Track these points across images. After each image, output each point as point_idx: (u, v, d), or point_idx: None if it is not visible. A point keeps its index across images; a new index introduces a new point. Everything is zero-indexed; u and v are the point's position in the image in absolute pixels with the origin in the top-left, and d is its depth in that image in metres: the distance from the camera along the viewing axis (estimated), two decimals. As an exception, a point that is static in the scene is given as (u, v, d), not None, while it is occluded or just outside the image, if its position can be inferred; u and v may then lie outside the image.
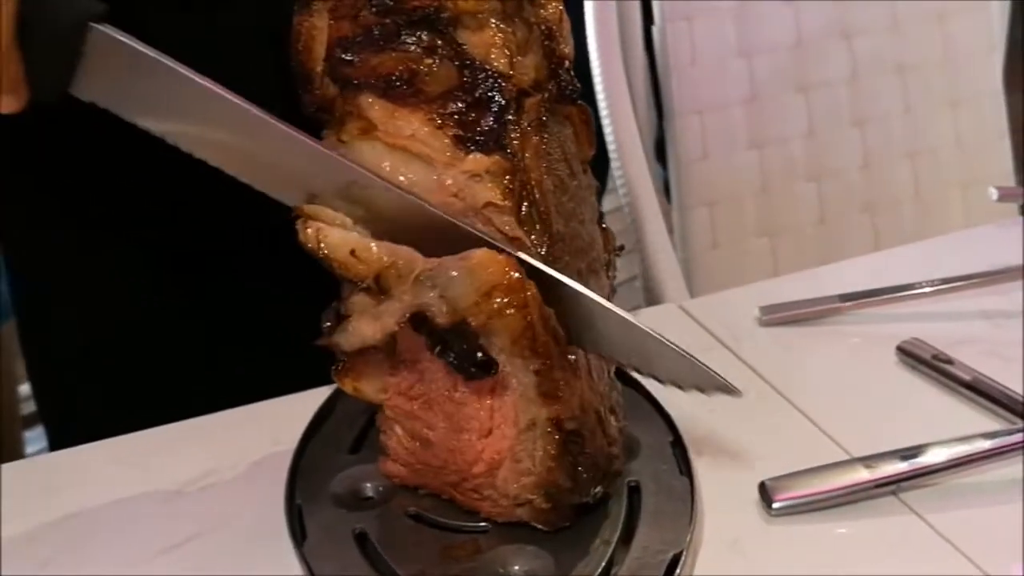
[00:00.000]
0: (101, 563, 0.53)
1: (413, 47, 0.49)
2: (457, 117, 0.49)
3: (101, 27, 0.49)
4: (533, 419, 0.49)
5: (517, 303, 0.47)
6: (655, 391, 0.61)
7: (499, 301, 0.47)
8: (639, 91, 1.21)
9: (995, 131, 1.33)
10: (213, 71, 0.50)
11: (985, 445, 0.56)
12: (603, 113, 1.11)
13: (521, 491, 0.51)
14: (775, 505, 0.54)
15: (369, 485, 0.56)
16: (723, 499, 0.55)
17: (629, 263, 1.19)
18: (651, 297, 1.12)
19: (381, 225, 0.50)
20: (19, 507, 0.56)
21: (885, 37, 1.27)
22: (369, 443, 0.59)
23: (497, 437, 0.51)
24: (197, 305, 0.72)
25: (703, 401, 0.62)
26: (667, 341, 0.51)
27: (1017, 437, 0.56)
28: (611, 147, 1.16)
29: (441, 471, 0.53)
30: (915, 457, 0.56)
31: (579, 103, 0.54)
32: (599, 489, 0.52)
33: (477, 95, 0.49)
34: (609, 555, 0.51)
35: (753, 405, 0.63)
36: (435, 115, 0.49)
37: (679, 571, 0.50)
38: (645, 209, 1.16)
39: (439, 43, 0.49)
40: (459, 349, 0.48)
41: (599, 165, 0.60)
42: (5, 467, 0.59)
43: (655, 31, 1.20)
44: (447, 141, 0.49)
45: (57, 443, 0.74)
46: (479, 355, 0.48)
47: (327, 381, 0.62)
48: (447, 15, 0.49)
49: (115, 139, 0.54)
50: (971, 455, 0.55)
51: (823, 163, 1.26)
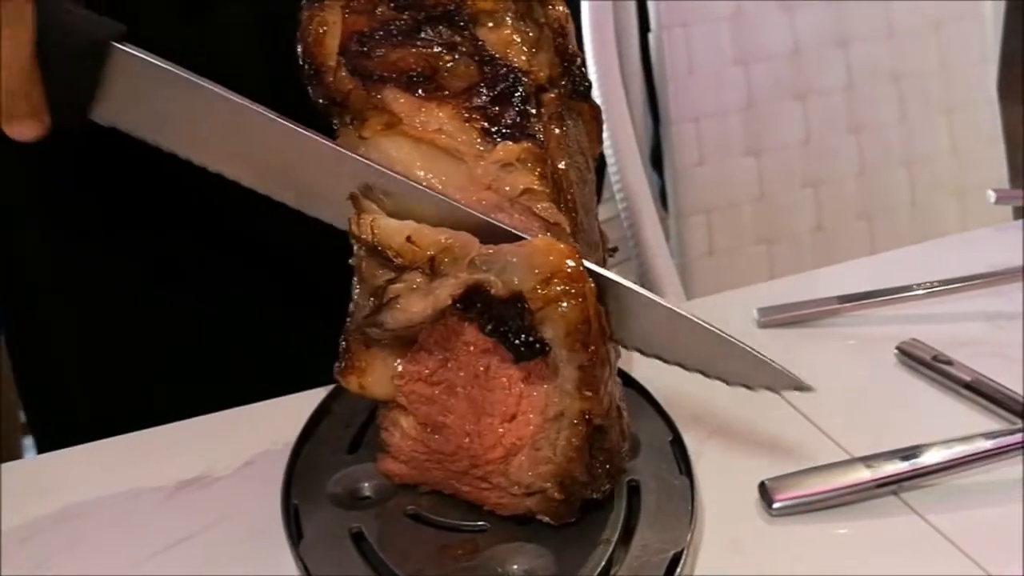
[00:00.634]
0: (98, 563, 0.52)
1: (433, 43, 0.49)
2: (482, 110, 0.49)
3: (122, 46, 0.48)
4: (563, 410, 0.49)
5: (576, 293, 0.46)
6: (654, 391, 0.61)
7: (559, 289, 0.46)
8: (636, 98, 1.21)
9: (989, 138, 1.33)
10: (208, 70, 0.50)
11: (986, 445, 0.55)
12: (600, 120, 1.11)
13: (536, 479, 0.50)
14: (775, 505, 0.54)
15: (367, 484, 0.55)
16: (723, 499, 0.55)
17: (624, 272, 1.18)
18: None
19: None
20: (15, 507, 0.56)
21: (881, 46, 1.28)
22: (366, 443, 0.58)
23: (521, 423, 0.50)
24: (193, 306, 0.71)
25: (703, 401, 0.63)
26: (736, 340, 0.50)
27: (1017, 437, 0.55)
28: (608, 155, 1.16)
29: (450, 459, 0.52)
30: (916, 457, 0.55)
31: (590, 100, 0.54)
32: (608, 486, 0.52)
33: (499, 90, 0.49)
34: (609, 554, 0.50)
35: (753, 405, 0.63)
36: (462, 109, 0.49)
37: (679, 571, 0.50)
38: (643, 216, 1.16)
39: (458, 39, 0.49)
40: (515, 325, 0.47)
41: (596, 172, 0.60)
42: (1, 467, 0.59)
43: (651, 38, 1.20)
44: (475, 134, 0.49)
45: (45, 446, 0.73)
46: (532, 335, 0.47)
47: (323, 383, 0.62)
48: (466, 12, 0.49)
49: (107, 140, 0.53)
50: (972, 455, 0.55)
51: (819, 170, 1.26)
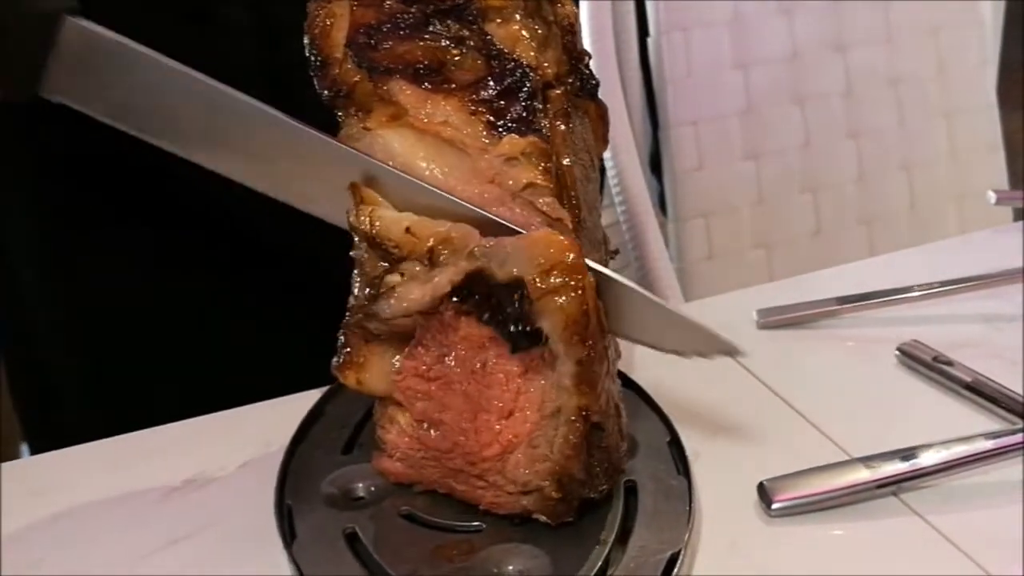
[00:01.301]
0: (91, 564, 0.52)
1: (441, 36, 0.49)
2: (489, 104, 0.49)
3: (75, 20, 0.48)
4: (560, 406, 0.48)
5: (576, 286, 0.46)
6: (652, 391, 0.61)
7: (558, 280, 0.46)
8: (635, 103, 1.21)
9: (989, 143, 1.33)
10: (210, 75, 0.49)
11: (986, 445, 0.55)
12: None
13: (533, 477, 0.50)
14: (774, 506, 0.54)
15: (361, 485, 0.55)
16: (721, 500, 0.55)
17: (624, 276, 1.18)
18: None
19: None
20: (8, 508, 0.56)
21: (879, 50, 1.28)
22: (361, 444, 0.58)
23: (518, 420, 0.49)
24: (187, 307, 0.71)
25: (701, 402, 0.62)
26: (667, 305, 0.50)
27: (1018, 437, 0.55)
28: (607, 159, 1.16)
29: (446, 456, 0.52)
30: (916, 457, 0.55)
31: (597, 98, 0.54)
32: (605, 487, 0.51)
33: (506, 84, 0.48)
34: (605, 555, 0.50)
35: (751, 406, 0.63)
36: (468, 101, 0.49)
37: (676, 572, 0.49)
38: (643, 220, 1.16)
39: (467, 34, 0.49)
40: (513, 312, 0.46)
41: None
42: (-6, 467, 0.58)
43: (650, 43, 1.20)
44: (480, 127, 0.48)
45: (39, 448, 0.73)
46: (530, 325, 0.46)
47: (318, 384, 0.62)
48: (475, 7, 0.49)
49: (96, 136, 0.52)
50: (972, 455, 0.55)
51: (818, 175, 1.26)
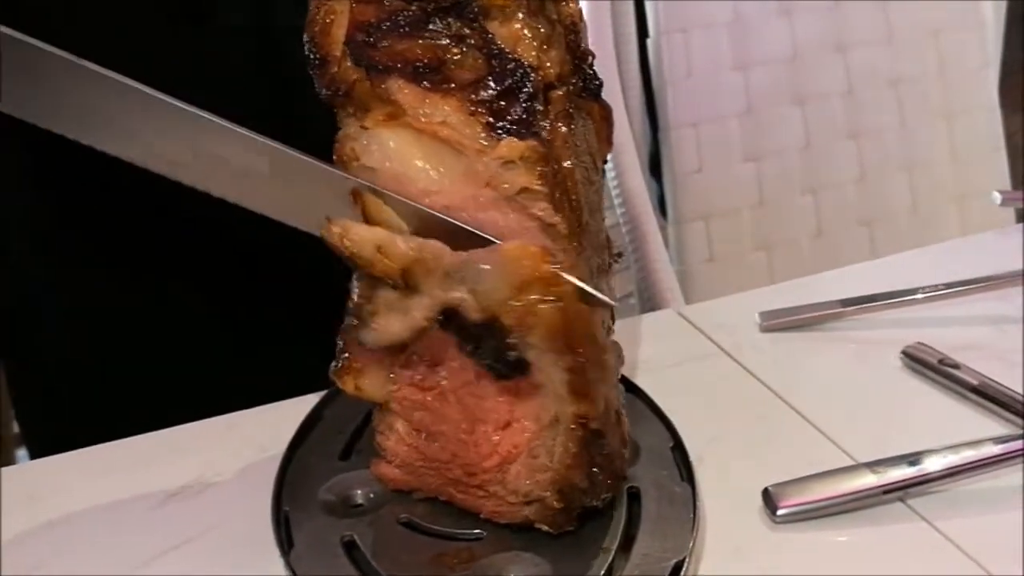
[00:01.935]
0: (90, 569, 0.52)
1: (442, 34, 0.48)
2: (488, 104, 0.48)
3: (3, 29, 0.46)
4: (557, 415, 0.48)
5: (553, 296, 0.46)
6: (655, 397, 0.60)
7: (534, 296, 0.45)
8: (634, 104, 1.20)
9: (990, 144, 1.32)
10: (208, 79, 0.48)
11: (994, 450, 0.54)
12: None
13: (534, 488, 0.49)
14: (779, 512, 0.53)
15: (359, 492, 0.54)
16: (725, 506, 0.54)
17: (624, 280, 1.17)
18: (648, 310, 1.11)
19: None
20: (5, 513, 0.55)
21: (880, 50, 1.27)
22: (359, 450, 0.57)
23: (516, 431, 0.49)
24: (187, 312, 0.70)
25: (704, 407, 0.61)
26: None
27: (1026, 441, 0.54)
28: (608, 162, 1.15)
29: (445, 466, 0.51)
30: (922, 462, 0.54)
31: (601, 99, 0.53)
32: (608, 494, 0.50)
33: (507, 84, 0.48)
34: (609, 563, 0.49)
35: (755, 410, 0.62)
36: (467, 101, 0.48)
37: (681, 579, 0.48)
38: (643, 223, 1.15)
39: (467, 32, 0.48)
40: (491, 346, 0.47)
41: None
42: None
43: (650, 44, 1.19)
44: (479, 128, 0.48)
45: (38, 452, 0.72)
46: (511, 355, 0.46)
47: (316, 388, 0.61)
48: (477, 5, 0.48)
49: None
50: (980, 460, 0.54)
51: (819, 176, 1.25)
